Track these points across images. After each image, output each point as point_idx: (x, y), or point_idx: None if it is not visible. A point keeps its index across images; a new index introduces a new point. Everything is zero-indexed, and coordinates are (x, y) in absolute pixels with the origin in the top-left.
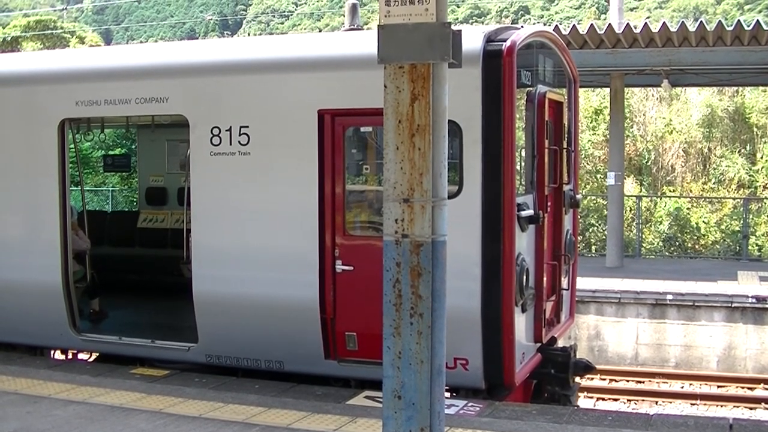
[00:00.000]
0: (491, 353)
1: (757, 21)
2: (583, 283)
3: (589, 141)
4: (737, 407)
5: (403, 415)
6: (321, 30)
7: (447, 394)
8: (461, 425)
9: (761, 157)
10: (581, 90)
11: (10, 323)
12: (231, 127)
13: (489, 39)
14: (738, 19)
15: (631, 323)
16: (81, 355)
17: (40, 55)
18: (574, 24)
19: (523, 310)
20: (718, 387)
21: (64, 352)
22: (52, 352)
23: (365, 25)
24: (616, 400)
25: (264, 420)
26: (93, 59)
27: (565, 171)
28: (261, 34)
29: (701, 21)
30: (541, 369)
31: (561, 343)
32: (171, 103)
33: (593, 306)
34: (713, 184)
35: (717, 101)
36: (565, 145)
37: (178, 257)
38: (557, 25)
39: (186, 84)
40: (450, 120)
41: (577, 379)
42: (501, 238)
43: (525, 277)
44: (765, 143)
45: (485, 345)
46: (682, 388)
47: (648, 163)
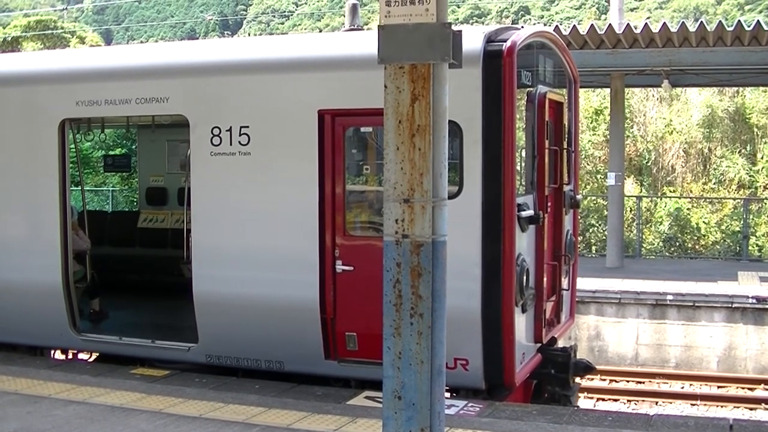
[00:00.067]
0: (491, 353)
1: (758, 21)
2: (584, 284)
3: (590, 141)
4: (737, 408)
5: (404, 416)
6: (321, 30)
7: (447, 394)
8: (461, 425)
9: (761, 158)
10: (581, 90)
11: (10, 323)
12: (231, 128)
13: (489, 39)
14: (738, 20)
15: (632, 323)
16: (81, 355)
17: (40, 55)
18: (574, 24)
19: (524, 310)
20: (718, 387)
21: (64, 352)
22: (52, 352)
23: (365, 26)
24: (616, 400)
25: (264, 420)
26: (93, 59)
27: (566, 171)
28: (261, 34)
29: (701, 21)
30: (542, 369)
31: (561, 344)
32: (171, 103)
33: (593, 306)
34: (713, 184)
35: (717, 101)
36: (566, 146)
37: (178, 257)
38: (557, 26)
39: (186, 84)
40: (450, 120)
41: (578, 380)
42: (501, 238)
43: (525, 278)
44: (765, 143)
45: (485, 345)
46: (682, 388)
47: (648, 164)
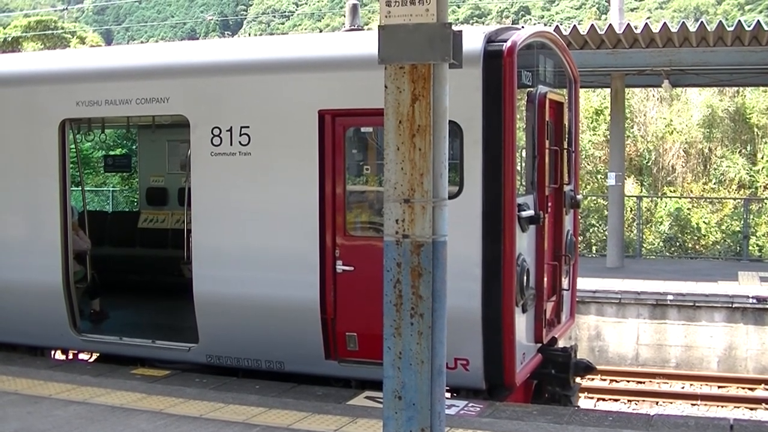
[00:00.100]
0: (492, 353)
1: (758, 21)
2: (584, 284)
3: (590, 141)
4: (738, 408)
5: (404, 416)
6: (321, 30)
7: (447, 394)
8: (462, 425)
9: (762, 158)
10: (582, 90)
11: (10, 323)
12: (231, 128)
13: (489, 39)
14: (739, 20)
15: (632, 324)
16: (81, 356)
17: (40, 56)
18: (574, 24)
19: (524, 310)
20: (718, 387)
21: (64, 352)
22: (52, 352)
23: (366, 26)
24: (616, 400)
25: (265, 420)
26: (94, 59)
27: (566, 171)
28: (261, 34)
29: (702, 21)
30: (542, 369)
31: (561, 344)
32: (172, 104)
33: (594, 306)
34: (714, 184)
35: (717, 101)
36: (566, 146)
37: (178, 257)
38: (558, 26)
39: (187, 84)
40: (450, 120)
41: (578, 380)
42: (501, 238)
43: (525, 278)
44: (765, 143)
45: (486, 345)
46: (682, 388)
47: (648, 164)
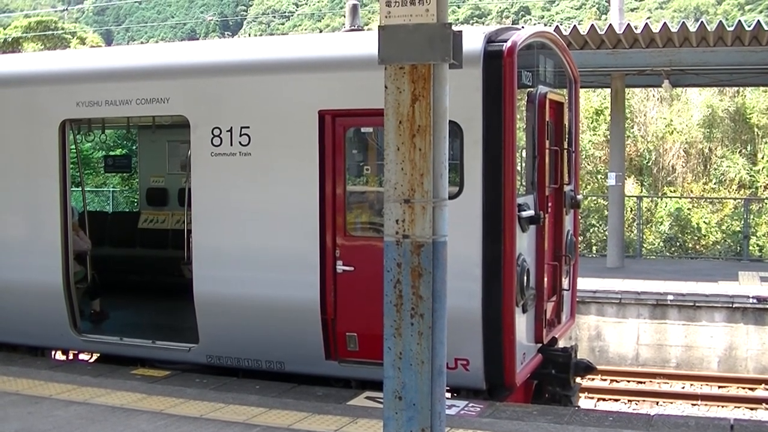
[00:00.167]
0: (492, 354)
1: (758, 21)
2: (584, 284)
3: (590, 141)
4: (738, 408)
5: (404, 416)
6: (321, 31)
7: (448, 394)
8: (462, 426)
9: (762, 158)
10: (582, 90)
11: (11, 324)
12: (232, 128)
13: (489, 40)
14: (739, 20)
15: (632, 324)
16: (82, 356)
17: (40, 56)
18: (574, 24)
19: (524, 310)
20: (719, 387)
21: (65, 352)
22: (53, 352)
23: (366, 26)
24: (617, 400)
25: (265, 421)
26: (94, 60)
27: (566, 171)
28: (261, 34)
29: (702, 21)
30: (542, 369)
31: (562, 344)
32: (172, 104)
33: (594, 306)
34: (714, 184)
35: (718, 101)
36: (566, 146)
37: (178, 258)
38: (558, 26)
39: (187, 85)
40: (451, 120)
41: (578, 380)
42: (502, 238)
43: (526, 278)
44: (766, 143)
45: (486, 345)
46: (683, 388)
47: (649, 164)
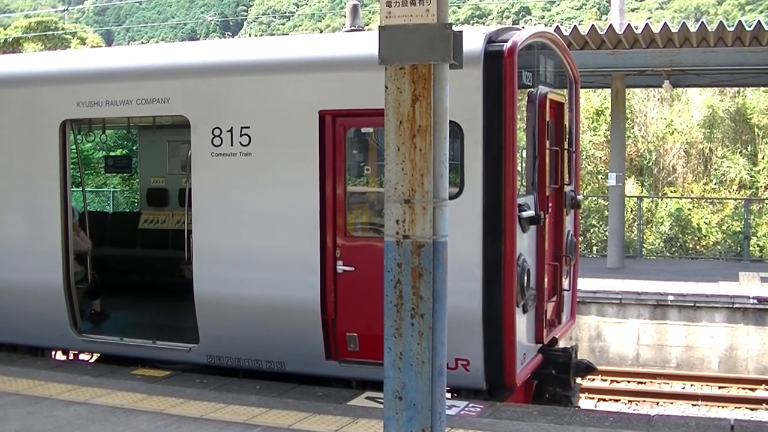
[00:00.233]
0: (492, 354)
1: (759, 21)
2: (584, 284)
3: (590, 142)
4: (738, 408)
5: (404, 416)
6: (322, 31)
7: (448, 394)
8: (462, 426)
9: (762, 158)
10: (582, 91)
11: (11, 324)
12: (232, 128)
13: (490, 40)
14: (739, 20)
15: (632, 324)
16: (82, 356)
17: (41, 56)
18: (575, 25)
19: (524, 310)
20: (719, 388)
21: (65, 352)
22: (53, 352)
23: (366, 26)
24: (617, 401)
25: (265, 421)
26: (94, 60)
27: (566, 172)
28: (262, 35)
29: (702, 21)
30: (542, 370)
31: (562, 344)
32: (172, 104)
33: (594, 307)
34: (714, 184)
35: (718, 102)
36: (566, 146)
37: (179, 258)
38: (558, 26)
39: (187, 85)
40: (451, 121)
41: (578, 380)
42: (502, 238)
43: (526, 278)
44: (766, 144)
45: (486, 346)
46: (683, 389)
47: (649, 164)
